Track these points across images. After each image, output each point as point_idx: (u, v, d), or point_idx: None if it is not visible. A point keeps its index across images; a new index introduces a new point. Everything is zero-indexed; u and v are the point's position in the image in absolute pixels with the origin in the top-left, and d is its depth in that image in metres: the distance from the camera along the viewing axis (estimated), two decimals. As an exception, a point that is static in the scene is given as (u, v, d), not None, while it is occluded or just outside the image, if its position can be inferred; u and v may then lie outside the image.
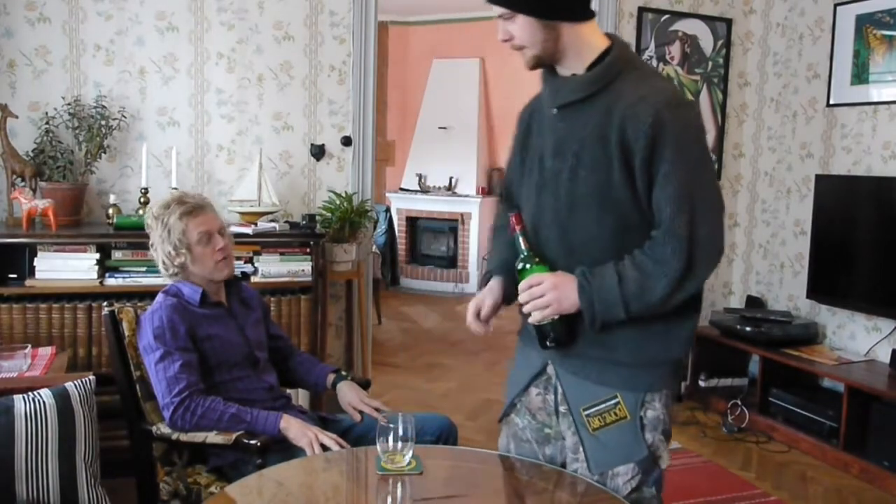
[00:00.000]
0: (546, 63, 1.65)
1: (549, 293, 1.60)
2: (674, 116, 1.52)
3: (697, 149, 1.57)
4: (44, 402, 1.91)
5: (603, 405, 1.65)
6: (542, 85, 1.72)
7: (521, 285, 1.64)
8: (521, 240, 1.67)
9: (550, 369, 1.75)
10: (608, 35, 1.65)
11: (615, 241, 1.59)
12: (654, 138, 1.51)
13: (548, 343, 1.65)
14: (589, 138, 1.58)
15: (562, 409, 1.73)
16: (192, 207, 2.24)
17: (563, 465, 1.79)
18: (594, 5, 4.26)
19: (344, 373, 2.43)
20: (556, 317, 1.61)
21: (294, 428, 2.08)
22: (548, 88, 1.70)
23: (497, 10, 1.61)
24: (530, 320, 1.65)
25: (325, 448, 2.03)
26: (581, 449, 1.70)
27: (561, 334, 1.63)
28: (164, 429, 2.12)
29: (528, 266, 1.65)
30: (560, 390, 1.73)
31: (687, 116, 1.57)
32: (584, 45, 1.61)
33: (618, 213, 1.58)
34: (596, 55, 1.61)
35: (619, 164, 1.55)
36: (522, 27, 1.59)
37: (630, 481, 1.65)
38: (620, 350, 1.63)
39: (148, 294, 2.89)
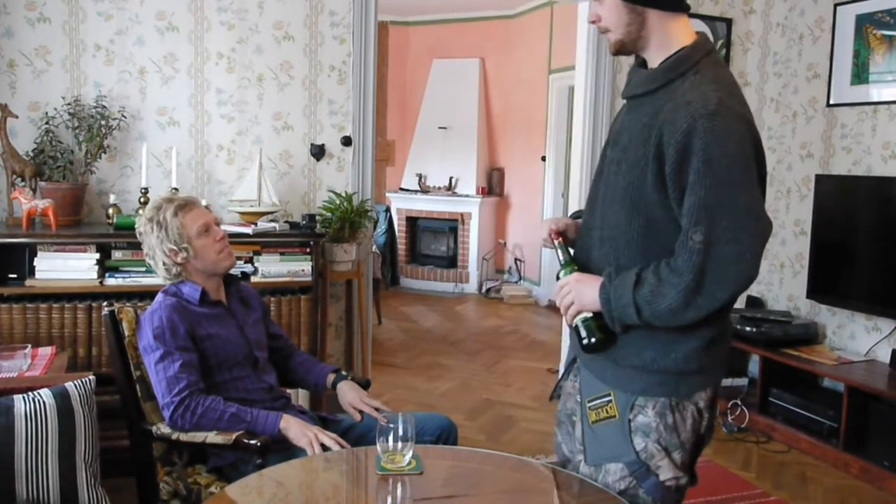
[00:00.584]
0: (629, 50, 1.66)
1: (572, 289, 1.66)
2: (709, 126, 1.47)
3: (731, 163, 1.48)
4: (44, 402, 1.91)
5: (600, 400, 1.70)
6: (628, 74, 1.75)
7: (555, 288, 1.72)
8: (559, 251, 1.75)
9: (578, 360, 1.82)
10: (698, 34, 1.64)
11: (641, 241, 1.60)
12: (684, 146, 1.48)
13: (584, 343, 1.67)
14: (637, 134, 1.59)
15: (577, 398, 1.80)
16: (183, 203, 2.26)
17: None
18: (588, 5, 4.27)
19: (344, 372, 2.43)
20: (588, 315, 1.65)
21: (294, 428, 2.08)
22: (629, 79, 1.73)
23: None
24: (566, 321, 1.71)
25: (325, 448, 2.03)
26: (583, 439, 1.75)
27: (595, 335, 1.65)
28: (164, 429, 2.12)
29: (563, 272, 1.72)
30: (579, 381, 1.80)
31: (725, 127, 1.48)
32: (668, 37, 1.60)
33: (647, 213, 1.58)
34: (674, 51, 1.60)
35: (652, 167, 1.54)
36: (610, 9, 1.61)
37: (619, 481, 1.67)
38: (621, 350, 1.65)
39: (148, 294, 2.89)
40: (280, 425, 2.08)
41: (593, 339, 1.65)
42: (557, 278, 1.74)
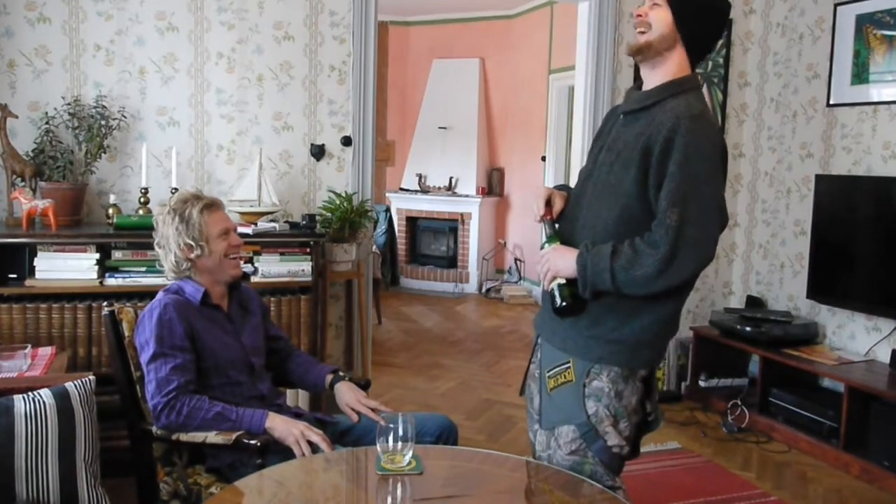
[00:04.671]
0: (646, 56, 1.90)
1: (551, 258, 1.90)
2: (690, 126, 1.76)
3: (704, 163, 1.78)
4: (44, 402, 1.91)
5: (558, 368, 1.93)
6: (625, 95, 2.06)
7: (538, 257, 1.95)
8: (546, 226, 1.99)
9: (540, 340, 2.07)
10: (693, 73, 1.95)
11: (616, 226, 1.85)
12: (668, 139, 1.76)
13: (556, 306, 1.88)
14: (631, 141, 1.87)
15: (537, 373, 2.05)
16: (210, 202, 2.27)
17: None
18: (595, 5, 4.27)
19: (342, 373, 2.42)
20: (562, 281, 1.87)
21: (280, 427, 2.06)
22: (626, 98, 2.03)
23: None
24: (543, 286, 1.94)
25: (314, 448, 2.02)
26: (540, 408, 1.99)
27: (567, 299, 1.86)
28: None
29: (546, 244, 1.95)
30: (539, 357, 2.05)
31: (702, 131, 1.79)
32: (674, 66, 1.89)
33: (623, 203, 1.84)
34: (671, 78, 1.89)
35: (637, 163, 1.81)
36: (659, 16, 1.87)
37: (570, 443, 1.90)
38: (584, 321, 1.88)
39: (148, 294, 2.90)
40: (266, 424, 2.07)
41: (565, 303, 1.87)
42: (541, 248, 1.96)
